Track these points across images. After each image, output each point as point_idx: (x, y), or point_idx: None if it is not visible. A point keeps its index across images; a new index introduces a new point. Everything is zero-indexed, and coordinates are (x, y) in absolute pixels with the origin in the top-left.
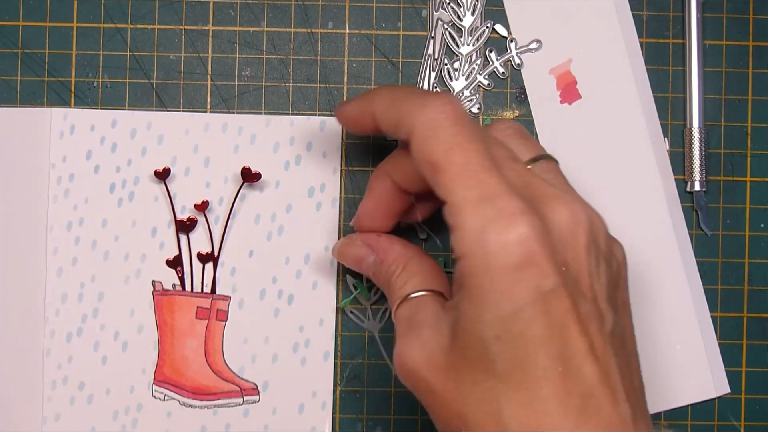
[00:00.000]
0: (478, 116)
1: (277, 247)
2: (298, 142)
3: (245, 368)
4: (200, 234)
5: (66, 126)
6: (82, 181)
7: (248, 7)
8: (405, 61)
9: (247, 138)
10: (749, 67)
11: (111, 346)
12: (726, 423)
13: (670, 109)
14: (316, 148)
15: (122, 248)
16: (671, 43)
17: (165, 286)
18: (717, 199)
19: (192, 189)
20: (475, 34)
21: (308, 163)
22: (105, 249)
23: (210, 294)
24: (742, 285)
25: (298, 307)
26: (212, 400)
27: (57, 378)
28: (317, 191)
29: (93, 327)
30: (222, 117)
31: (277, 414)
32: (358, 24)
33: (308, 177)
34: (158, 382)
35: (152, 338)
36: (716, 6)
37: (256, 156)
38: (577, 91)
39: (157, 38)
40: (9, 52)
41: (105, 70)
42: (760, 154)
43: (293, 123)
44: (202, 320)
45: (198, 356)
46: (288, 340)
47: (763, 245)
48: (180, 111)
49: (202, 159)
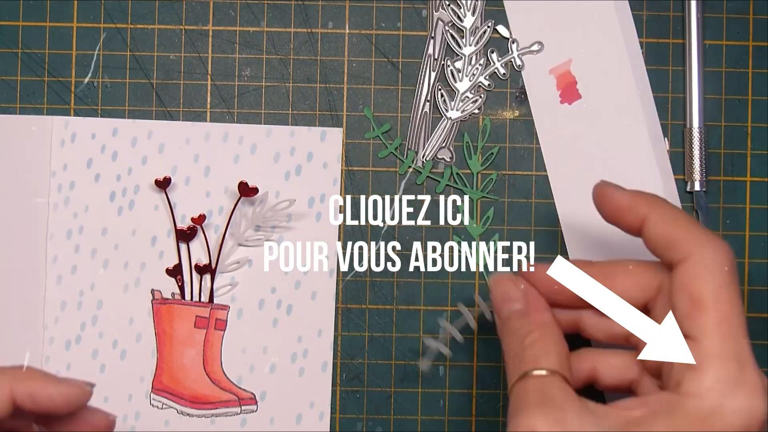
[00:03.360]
0: (479, 116)
1: (276, 257)
2: (298, 152)
3: (243, 378)
4: (199, 244)
5: (67, 134)
6: (82, 190)
7: (248, 7)
8: (405, 61)
9: (248, 148)
10: (749, 67)
11: (110, 354)
12: None
13: (670, 109)
14: (316, 159)
15: (122, 257)
16: (671, 43)
17: (164, 295)
18: (717, 199)
19: (192, 198)
20: (476, 35)
21: (308, 174)
22: (105, 257)
23: (209, 303)
24: (742, 285)
25: (297, 318)
26: (210, 409)
27: None
28: (317, 201)
29: (92, 335)
30: (223, 127)
31: (274, 424)
32: (358, 24)
33: (308, 187)
34: (156, 390)
35: (151, 347)
36: (716, 6)
37: (256, 166)
38: (577, 91)
39: (157, 38)
40: (9, 52)
41: (105, 70)
42: (760, 154)
43: (294, 133)
44: (200, 329)
45: (196, 365)
46: (286, 350)
47: (763, 245)
48: (180, 113)
49: (202, 168)
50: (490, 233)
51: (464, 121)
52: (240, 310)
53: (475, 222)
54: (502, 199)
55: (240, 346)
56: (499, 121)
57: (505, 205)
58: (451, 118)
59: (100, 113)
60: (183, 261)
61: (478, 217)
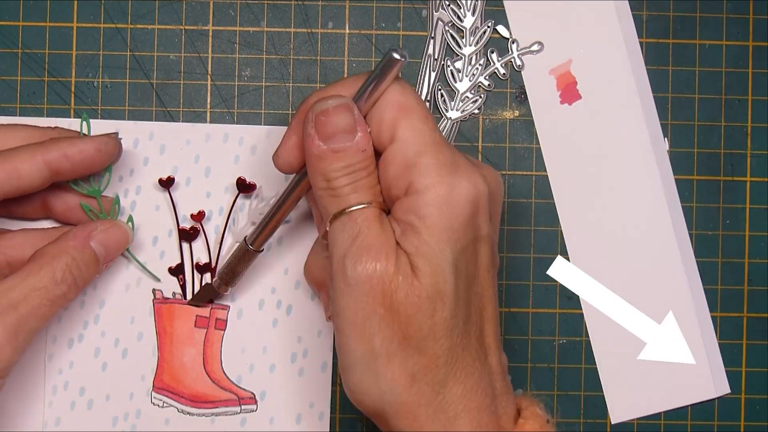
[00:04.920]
0: (479, 116)
1: (276, 257)
2: None
3: (243, 377)
4: (200, 244)
5: None
6: None
7: (248, 7)
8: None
9: (248, 149)
10: (749, 67)
11: (111, 353)
12: (726, 423)
13: (670, 109)
14: None
15: (123, 256)
16: (671, 43)
17: (165, 295)
18: (717, 199)
19: (193, 198)
20: (476, 35)
21: None
22: None
23: (209, 303)
24: (742, 285)
25: (297, 318)
26: (210, 408)
27: (58, 383)
28: None
29: (94, 333)
30: (223, 128)
31: (274, 423)
32: (358, 24)
33: None
34: (157, 389)
35: (152, 346)
36: (716, 6)
37: (256, 166)
38: (577, 92)
39: (157, 38)
40: (9, 52)
41: (105, 70)
42: (760, 154)
43: None
44: (201, 329)
45: (196, 364)
46: (286, 350)
47: (763, 245)
48: (180, 113)
49: (202, 169)
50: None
51: (464, 121)
52: (240, 310)
53: None
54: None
55: (240, 345)
56: (499, 121)
57: (505, 205)
58: (451, 118)
59: (100, 113)
60: (185, 260)
61: None
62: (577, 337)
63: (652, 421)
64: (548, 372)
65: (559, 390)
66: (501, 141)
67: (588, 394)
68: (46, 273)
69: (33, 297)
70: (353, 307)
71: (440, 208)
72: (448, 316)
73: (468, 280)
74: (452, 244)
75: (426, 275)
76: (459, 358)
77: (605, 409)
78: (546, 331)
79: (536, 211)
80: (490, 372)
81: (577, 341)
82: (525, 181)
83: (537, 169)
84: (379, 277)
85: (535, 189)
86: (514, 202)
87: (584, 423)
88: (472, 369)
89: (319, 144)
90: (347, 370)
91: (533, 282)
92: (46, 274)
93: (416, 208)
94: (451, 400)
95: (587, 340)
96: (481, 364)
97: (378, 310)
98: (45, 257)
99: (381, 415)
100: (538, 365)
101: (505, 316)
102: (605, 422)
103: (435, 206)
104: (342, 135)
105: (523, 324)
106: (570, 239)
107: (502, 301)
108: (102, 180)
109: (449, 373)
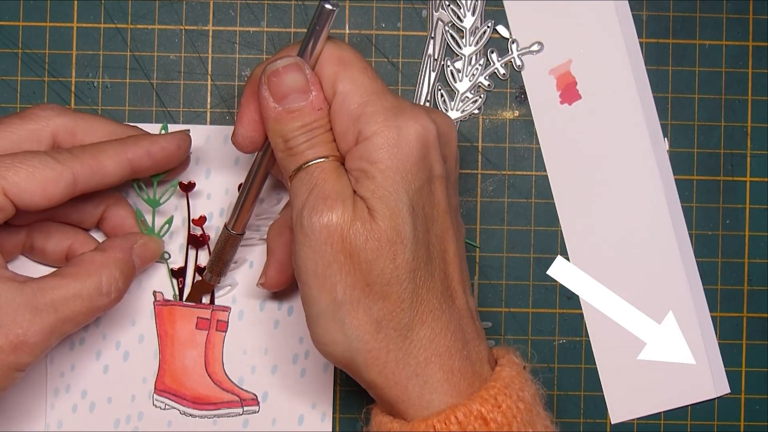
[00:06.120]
0: (479, 116)
1: None
2: None
3: (245, 379)
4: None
5: None
6: None
7: (248, 7)
8: (405, 61)
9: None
10: (749, 67)
11: (112, 355)
12: (726, 423)
13: (670, 109)
14: None
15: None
16: (671, 43)
17: (166, 297)
18: (717, 199)
19: (193, 200)
20: (476, 35)
21: None
22: None
23: (210, 305)
24: (742, 285)
25: (298, 319)
26: (212, 410)
27: (60, 386)
28: None
29: (95, 336)
30: (223, 129)
31: (276, 425)
32: (358, 24)
33: None
34: (159, 391)
35: (153, 348)
36: (716, 6)
37: None
38: (577, 92)
39: (157, 38)
40: (9, 52)
41: (105, 70)
42: (760, 154)
43: None
44: (202, 331)
45: (198, 366)
46: (287, 351)
47: (763, 245)
48: (180, 113)
49: (203, 171)
50: (491, 233)
51: (464, 121)
52: (241, 311)
53: (475, 222)
54: (502, 199)
55: (241, 347)
56: (499, 121)
57: (505, 205)
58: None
59: (100, 113)
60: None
61: (478, 217)
62: (577, 337)
63: (652, 421)
64: (548, 372)
65: (559, 390)
66: (501, 141)
67: (588, 394)
68: (93, 282)
69: (75, 303)
70: (313, 257)
71: (390, 151)
72: (410, 258)
73: (426, 221)
74: (406, 184)
75: (384, 218)
76: (424, 301)
77: (605, 409)
78: (546, 331)
79: (536, 211)
80: (460, 315)
81: (577, 341)
82: (525, 181)
83: (537, 169)
84: (336, 225)
85: (535, 189)
86: (514, 202)
87: (584, 423)
88: (439, 312)
89: (274, 106)
90: (313, 322)
91: (533, 282)
92: (93, 282)
93: (367, 154)
94: (420, 344)
95: (587, 340)
96: (448, 307)
97: (338, 257)
98: (93, 265)
99: (351, 364)
100: (538, 365)
101: (505, 316)
102: (605, 422)
103: (385, 149)
104: (296, 95)
105: (523, 324)
106: (570, 239)
107: (502, 301)
108: (166, 193)
109: (415, 316)
